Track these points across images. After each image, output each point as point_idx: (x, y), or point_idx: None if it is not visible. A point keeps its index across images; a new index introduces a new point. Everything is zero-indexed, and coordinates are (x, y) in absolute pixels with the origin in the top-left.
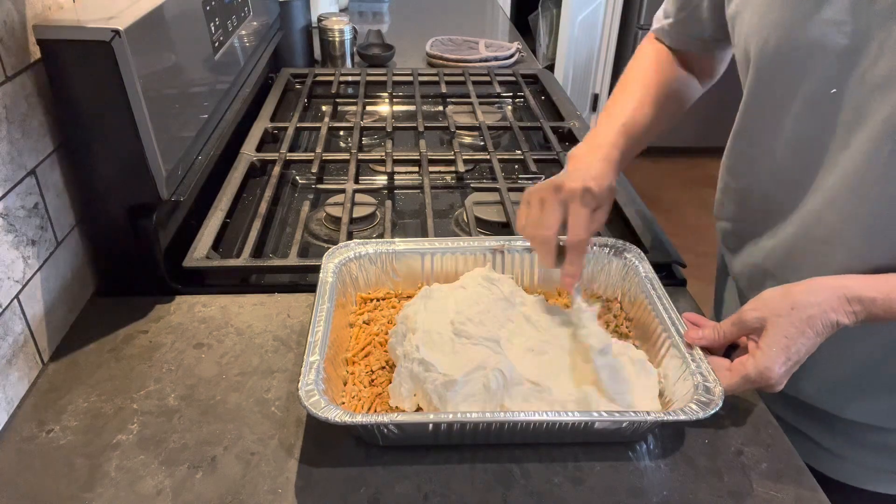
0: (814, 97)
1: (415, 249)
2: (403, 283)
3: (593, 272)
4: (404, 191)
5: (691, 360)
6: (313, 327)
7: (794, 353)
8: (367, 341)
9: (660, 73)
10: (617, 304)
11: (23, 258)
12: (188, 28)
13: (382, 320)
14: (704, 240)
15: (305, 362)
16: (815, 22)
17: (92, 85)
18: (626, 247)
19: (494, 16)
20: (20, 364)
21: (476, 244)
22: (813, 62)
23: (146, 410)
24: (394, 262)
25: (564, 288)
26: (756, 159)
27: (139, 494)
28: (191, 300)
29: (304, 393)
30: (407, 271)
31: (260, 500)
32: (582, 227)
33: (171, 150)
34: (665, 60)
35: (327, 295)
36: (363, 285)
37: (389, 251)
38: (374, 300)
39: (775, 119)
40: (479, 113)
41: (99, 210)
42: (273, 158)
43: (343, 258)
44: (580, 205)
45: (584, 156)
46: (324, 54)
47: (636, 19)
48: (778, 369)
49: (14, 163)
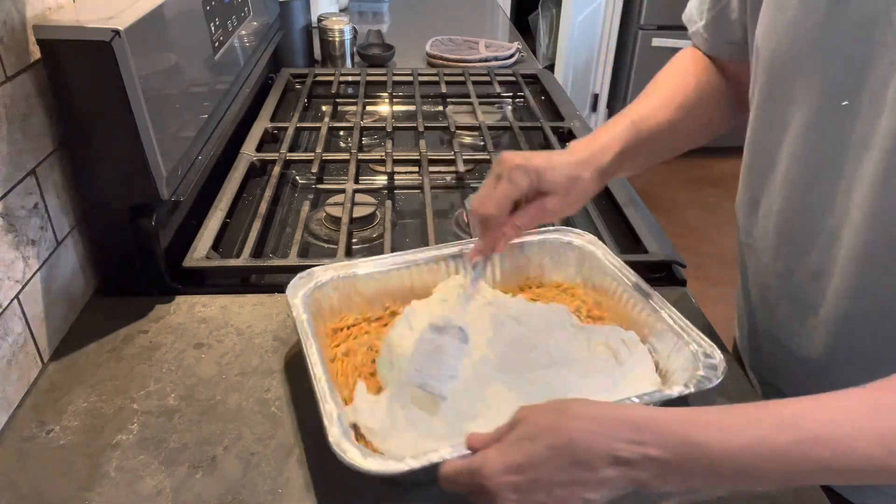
0: (824, 108)
1: (375, 271)
2: (370, 306)
3: (547, 264)
4: (404, 191)
5: (681, 331)
6: (312, 369)
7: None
8: (355, 377)
9: (692, 77)
10: (580, 290)
11: (23, 258)
12: (188, 28)
13: (361, 349)
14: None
15: (324, 412)
16: (829, 27)
17: (92, 85)
18: (579, 233)
19: (494, 16)
20: (20, 364)
21: (435, 253)
22: (825, 70)
23: (146, 410)
24: (357, 286)
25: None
26: (765, 170)
27: (139, 494)
28: (191, 300)
29: (340, 449)
30: (372, 293)
31: (260, 500)
32: (493, 200)
33: (171, 150)
34: (703, 66)
35: (309, 332)
36: (329, 315)
37: (350, 275)
38: (343, 329)
39: (783, 129)
40: (479, 113)
41: (99, 210)
42: (273, 158)
43: (307, 289)
44: (506, 179)
45: (574, 146)
46: (324, 54)
47: (636, 19)
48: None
49: (14, 163)
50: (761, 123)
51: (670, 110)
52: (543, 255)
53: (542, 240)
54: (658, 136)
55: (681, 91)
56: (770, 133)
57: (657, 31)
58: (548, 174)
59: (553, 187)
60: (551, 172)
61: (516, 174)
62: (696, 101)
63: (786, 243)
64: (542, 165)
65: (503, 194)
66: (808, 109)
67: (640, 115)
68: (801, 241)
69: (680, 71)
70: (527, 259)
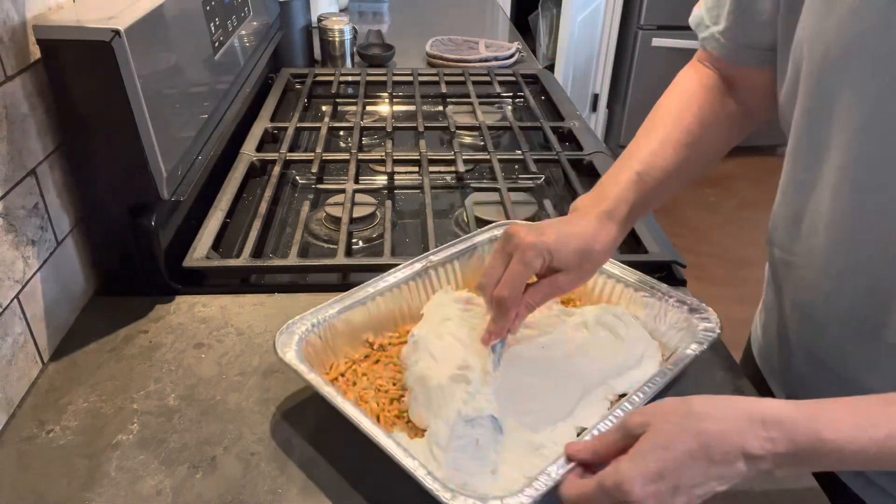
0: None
1: (346, 306)
2: (352, 345)
3: None
4: (404, 191)
5: (662, 295)
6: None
7: (671, 474)
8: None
9: (694, 106)
10: None
11: (23, 258)
12: (188, 28)
13: (370, 393)
14: (704, 240)
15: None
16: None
17: (92, 85)
18: None
19: (494, 16)
20: (20, 364)
21: (407, 272)
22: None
23: (146, 410)
24: (336, 327)
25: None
26: (810, 182)
27: (139, 494)
28: (191, 300)
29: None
30: (351, 331)
31: (260, 500)
32: (507, 282)
33: (171, 150)
34: (706, 89)
35: (319, 381)
36: (321, 367)
37: (325, 319)
38: (338, 378)
39: (829, 138)
40: (479, 113)
41: (99, 210)
42: (273, 158)
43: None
44: (517, 260)
45: (584, 209)
46: (324, 54)
47: (636, 19)
48: (640, 486)
49: (14, 163)
50: (806, 133)
51: (671, 152)
52: None
53: (492, 236)
54: (663, 184)
55: (679, 126)
56: (816, 142)
57: (657, 31)
58: (561, 253)
59: (566, 265)
60: (564, 250)
61: (529, 255)
62: (699, 135)
63: (835, 262)
64: (553, 245)
65: (517, 277)
66: (860, 115)
67: (645, 163)
68: (855, 260)
69: (677, 100)
70: (479, 259)
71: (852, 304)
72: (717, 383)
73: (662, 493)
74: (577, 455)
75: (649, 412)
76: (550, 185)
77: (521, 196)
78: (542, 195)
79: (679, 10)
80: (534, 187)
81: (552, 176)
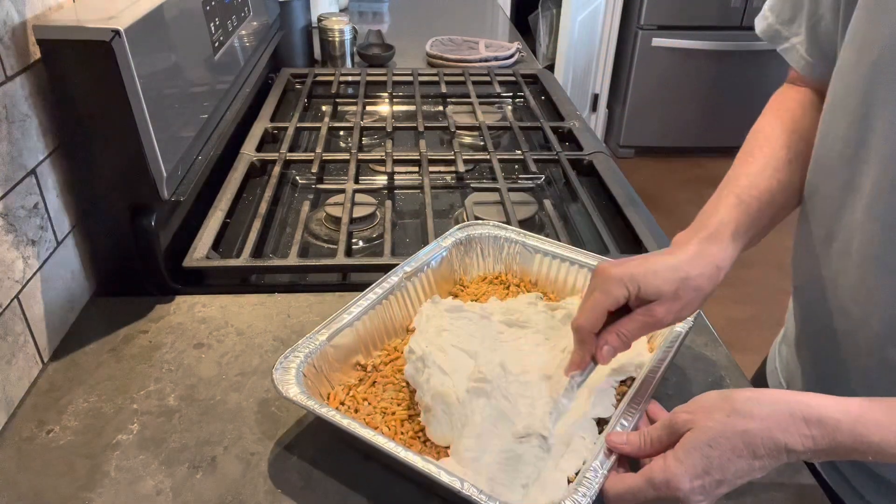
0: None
1: (335, 331)
2: (345, 371)
3: (471, 262)
4: (404, 191)
5: None
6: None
7: (716, 470)
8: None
9: (791, 122)
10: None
11: (23, 258)
12: (188, 28)
13: (377, 417)
14: None
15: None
16: None
17: (92, 85)
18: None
19: (494, 16)
20: (20, 364)
21: (386, 286)
22: None
23: (146, 410)
24: (328, 356)
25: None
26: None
27: (139, 494)
28: (191, 300)
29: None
30: (342, 356)
31: (260, 500)
32: (584, 310)
33: (171, 150)
34: (802, 106)
35: (333, 413)
36: (321, 398)
37: (317, 347)
38: (339, 407)
39: (868, 148)
40: (479, 113)
41: (99, 210)
42: (273, 158)
43: (294, 376)
44: (598, 290)
45: (683, 239)
46: (324, 54)
47: (636, 19)
48: (688, 482)
49: (14, 163)
50: (842, 141)
51: (773, 171)
52: (464, 256)
53: (456, 240)
54: (769, 204)
55: (779, 146)
56: (855, 153)
57: (657, 31)
58: (648, 280)
59: (658, 294)
60: (652, 278)
61: (610, 284)
62: (803, 150)
63: (867, 281)
64: (639, 273)
65: (596, 305)
66: None
67: (744, 186)
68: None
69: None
70: (448, 263)
71: (882, 328)
72: (718, 384)
73: (708, 486)
74: (620, 448)
75: (694, 410)
76: (550, 185)
77: (521, 196)
78: (542, 195)
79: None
80: (534, 187)
81: (552, 176)
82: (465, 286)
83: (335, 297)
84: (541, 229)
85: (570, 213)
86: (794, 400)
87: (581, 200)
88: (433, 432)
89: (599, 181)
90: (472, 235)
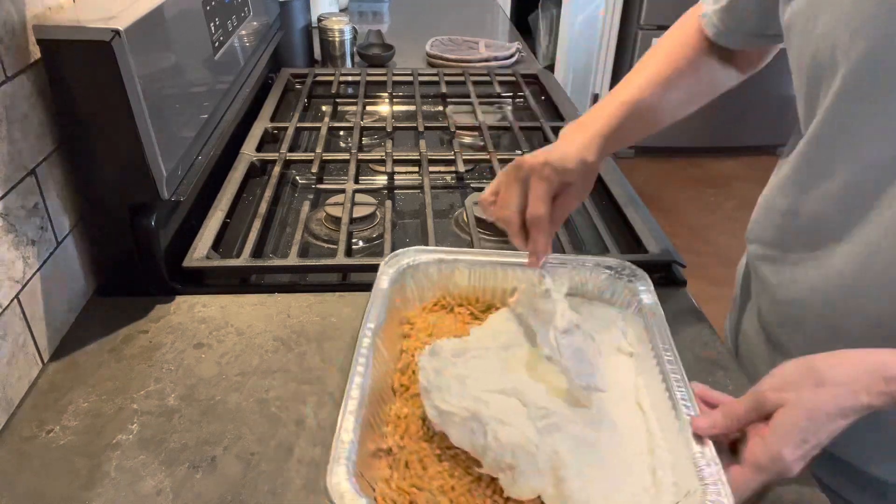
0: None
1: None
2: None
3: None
4: (404, 191)
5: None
6: None
7: (811, 436)
8: None
9: (685, 50)
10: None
11: (23, 258)
12: (188, 28)
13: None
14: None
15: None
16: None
17: (92, 85)
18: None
19: (494, 16)
20: (20, 364)
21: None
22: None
23: (146, 410)
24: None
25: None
26: (814, 178)
27: (139, 494)
28: (191, 300)
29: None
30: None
31: (260, 500)
32: (539, 201)
33: (171, 150)
34: (696, 42)
35: None
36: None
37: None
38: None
39: (852, 137)
40: (479, 113)
41: (99, 210)
42: (273, 158)
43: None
44: (538, 179)
45: (570, 132)
46: (324, 54)
47: (636, 19)
48: (791, 453)
49: (14, 163)
50: (828, 130)
51: (659, 87)
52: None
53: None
54: (649, 114)
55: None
56: (836, 139)
57: (657, 31)
58: (567, 166)
59: (572, 177)
60: (570, 163)
61: (547, 171)
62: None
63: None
64: (559, 159)
65: (545, 193)
66: (884, 116)
67: (630, 94)
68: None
69: (668, 45)
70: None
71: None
72: (718, 384)
73: (807, 452)
74: (709, 431)
75: (780, 386)
76: None
77: None
78: None
79: (680, 10)
80: None
81: None
82: (413, 323)
83: (335, 297)
84: None
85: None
86: (876, 360)
87: None
88: (521, 489)
89: (600, 181)
90: (401, 268)
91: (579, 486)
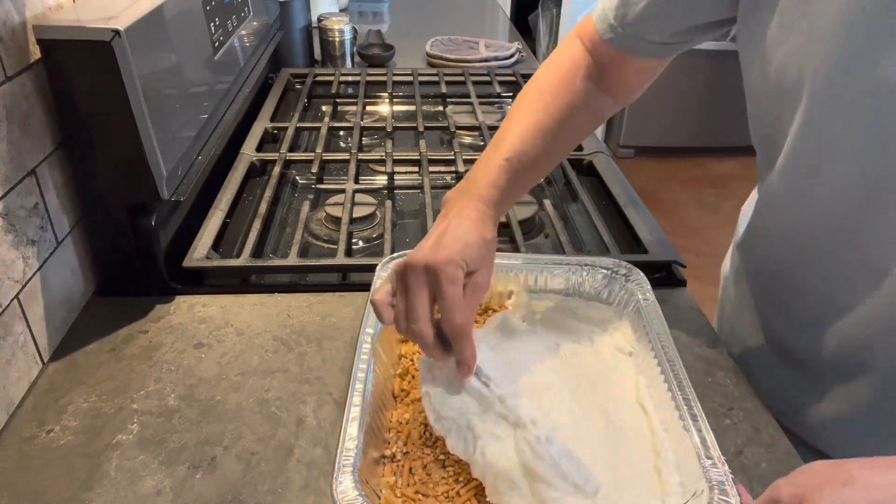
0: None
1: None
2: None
3: None
4: (404, 191)
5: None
6: None
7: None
8: None
9: (567, 92)
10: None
11: (23, 258)
12: (188, 28)
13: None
14: (704, 240)
15: None
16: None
17: (92, 85)
18: None
19: (494, 16)
20: (20, 364)
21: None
22: (882, 104)
23: (146, 410)
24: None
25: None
26: (796, 199)
27: (139, 494)
28: (191, 300)
29: None
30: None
31: (260, 500)
32: (455, 309)
33: (171, 150)
34: (574, 74)
35: None
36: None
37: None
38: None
39: (825, 159)
40: (479, 113)
41: (99, 210)
42: (273, 158)
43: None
44: (448, 282)
45: (457, 206)
46: (324, 54)
47: None
48: None
49: (14, 163)
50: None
51: (538, 138)
52: None
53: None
54: (531, 168)
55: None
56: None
57: None
58: (472, 255)
59: (476, 264)
60: (474, 251)
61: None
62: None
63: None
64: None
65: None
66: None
67: (512, 150)
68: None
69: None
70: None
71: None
72: (718, 384)
73: None
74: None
75: (800, 483)
76: (551, 184)
77: None
78: (542, 195)
79: None
80: (534, 187)
81: (552, 176)
82: None
83: (335, 297)
84: (541, 229)
85: (570, 214)
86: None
87: (581, 200)
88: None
89: (599, 181)
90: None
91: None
